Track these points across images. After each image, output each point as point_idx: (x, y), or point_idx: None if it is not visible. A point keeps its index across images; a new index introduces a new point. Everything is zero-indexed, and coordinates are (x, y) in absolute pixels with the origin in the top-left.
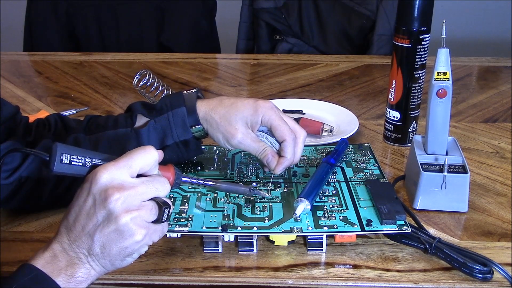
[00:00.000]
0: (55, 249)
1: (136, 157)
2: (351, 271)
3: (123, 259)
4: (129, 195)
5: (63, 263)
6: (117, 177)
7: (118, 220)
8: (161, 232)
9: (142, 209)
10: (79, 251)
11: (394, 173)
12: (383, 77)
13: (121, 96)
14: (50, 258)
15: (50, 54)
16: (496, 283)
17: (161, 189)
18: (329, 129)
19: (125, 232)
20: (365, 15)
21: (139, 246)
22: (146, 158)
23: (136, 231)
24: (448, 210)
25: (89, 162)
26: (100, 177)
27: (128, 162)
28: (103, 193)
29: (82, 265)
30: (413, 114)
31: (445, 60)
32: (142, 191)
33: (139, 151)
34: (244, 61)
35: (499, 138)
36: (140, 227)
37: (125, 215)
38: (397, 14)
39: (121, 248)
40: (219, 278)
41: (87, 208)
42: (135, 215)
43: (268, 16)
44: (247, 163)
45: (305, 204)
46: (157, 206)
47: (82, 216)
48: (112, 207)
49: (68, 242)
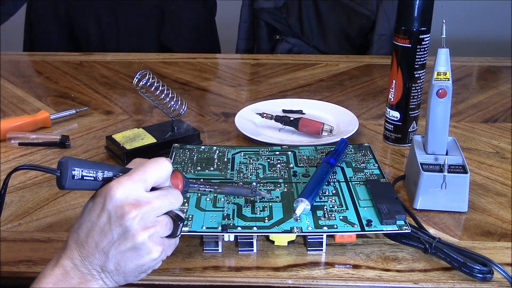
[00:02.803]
0: (66, 265)
1: (150, 171)
2: (351, 271)
3: (137, 276)
4: (146, 212)
5: (76, 280)
6: (132, 193)
7: (136, 239)
8: (174, 245)
9: (158, 225)
10: (92, 268)
11: (394, 173)
12: (383, 77)
13: (121, 96)
14: (62, 275)
15: (50, 54)
16: (496, 283)
17: (175, 203)
18: (329, 129)
19: (142, 250)
20: (365, 15)
21: (155, 263)
22: (160, 171)
23: (153, 249)
24: (448, 210)
25: (101, 176)
26: (115, 193)
27: (142, 176)
28: (119, 210)
29: (95, 281)
30: (413, 114)
31: (445, 60)
32: (157, 206)
33: (153, 164)
34: (244, 61)
35: (499, 138)
36: (157, 244)
37: (143, 233)
38: (397, 14)
39: (137, 265)
40: (219, 278)
41: (101, 224)
42: (152, 232)
43: (268, 16)
44: (247, 163)
45: (305, 204)
46: (171, 221)
47: (95, 232)
48: (130, 224)
49: (80, 258)
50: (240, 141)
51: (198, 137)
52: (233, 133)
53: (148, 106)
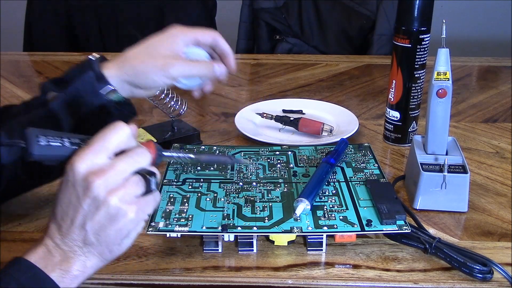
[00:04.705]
0: (48, 244)
1: (109, 137)
2: (351, 271)
3: (120, 243)
4: (110, 176)
5: (58, 258)
6: (94, 163)
7: (106, 204)
8: (154, 202)
9: (127, 185)
10: (73, 244)
11: (394, 173)
12: (383, 77)
13: None
14: (44, 253)
15: (50, 54)
16: (496, 283)
17: (141, 160)
18: (329, 129)
19: (116, 214)
20: (365, 15)
21: (134, 224)
22: (118, 135)
23: (127, 210)
24: (448, 210)
25: (68, 142)
26: (78, 167)
27: (102, 144)
28: (84, 182)
29: (77, 258)
30: (413, 114)
31: (445, 60)
32: (122, 169)
33: (111, 131)
34: (244, 61)
35: (499, 138)
36: (130, 204)
37: (112, 197)
38: (397, 14)
39: (117, 231)
40: (219, 278)
41: (72, 200)
42: (121, 194)
43: (268, 16)
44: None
45: (305, 204)
46: (142, 178)
47: (69, 209)
48: (97, 193)
49: (60, 237)
50: (240, 141)
51: (198, 137)
52: (233, 133)
53: (148, 106)
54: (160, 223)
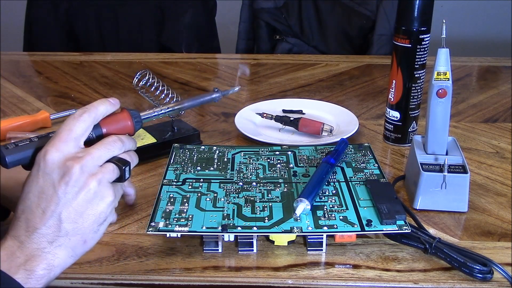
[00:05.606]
0: (11, 245)
1: (75, 127)
2: (351, 271)
3: (97, 230)
4: (87, 161)
5: (22, 259)
6: (68, 151)
7: (87, 187)
8: (121, 191)
9: (103, 170)
10: (42, 240)
11: (394, 173)
12: (383, 77)
13: (121, 96)
14: (6, 256)
15: (50, 54)
16: (496, 283)
17: (113, 149)
18: (329, 129)
19: (96, 196)
20: (365, 15)
21: (110, 209)
22: (83, 123)
23: (105, 193)
24: (448, 210)
25: (35, 137)
26: (52, 156)
27: (70, 134)
28: (61, 169)
29: (44, 256)
30: (413, 114)
31: (445, 60)
32: (97, 156)
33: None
34: (244, 61)
35: (499, 138)
36: (108, 188)
37: (92, 180)
38: (397, 14)
39: (95, 214)
40: (219, 278)
41: (45, 190)
42: (100, 177)
43: (268, 16)
44: (247, 163)
45: (305, 204)
46: (116, 166)
47: (41, 200)
48: (76, 177)
49: (27, 234)
50: (240, 141)
51: (198, 137)
52: (233, 133)
53: (148, 106)
54: (160, 223)
